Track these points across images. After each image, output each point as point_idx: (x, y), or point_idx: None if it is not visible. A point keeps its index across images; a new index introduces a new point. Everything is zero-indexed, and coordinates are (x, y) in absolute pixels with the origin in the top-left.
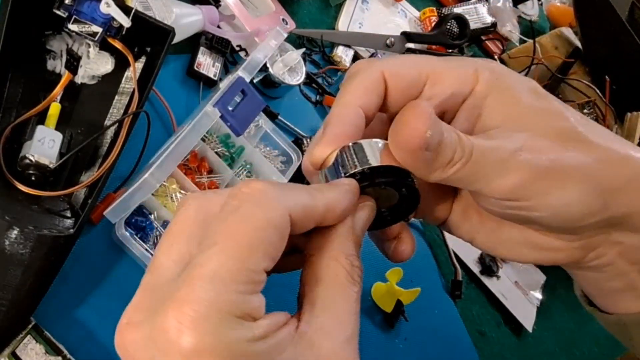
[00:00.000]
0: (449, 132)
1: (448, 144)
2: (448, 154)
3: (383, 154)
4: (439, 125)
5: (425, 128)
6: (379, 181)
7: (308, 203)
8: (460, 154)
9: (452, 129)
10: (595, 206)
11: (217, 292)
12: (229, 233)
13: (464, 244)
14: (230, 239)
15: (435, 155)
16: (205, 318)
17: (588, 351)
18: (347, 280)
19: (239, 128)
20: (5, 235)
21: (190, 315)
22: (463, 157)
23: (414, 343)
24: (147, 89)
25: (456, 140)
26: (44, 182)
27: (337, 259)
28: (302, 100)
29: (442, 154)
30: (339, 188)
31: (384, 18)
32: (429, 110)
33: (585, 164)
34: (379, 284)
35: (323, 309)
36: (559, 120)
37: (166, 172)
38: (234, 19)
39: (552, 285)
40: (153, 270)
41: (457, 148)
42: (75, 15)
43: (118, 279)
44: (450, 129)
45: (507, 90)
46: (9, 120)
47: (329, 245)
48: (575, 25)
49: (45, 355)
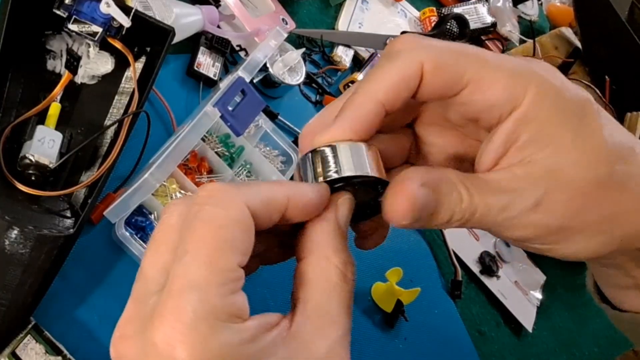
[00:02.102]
0: (450, 193)
1: (446, 208)
2: (445, 215)
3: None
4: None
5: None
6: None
7: (266, 195)
8: (460, 215)
9: (455, 186)
10: (609, 251)
11: (199, 300)
12: (196, 239)
13: (464, 244)
14: (198, 244)
15: (432, 217)
16: (192, 328)
17: (588, 351)
18: (340, 279)
19: (239, 128)
20: (5, 235)
21: (177, 328)
22: (463, 217)
23: (413, 343)
24: (147, 89)
25: (457, 202)
26: (44, 182)
27: (328, 259)
28: (302, 100)
29: (439, 216)
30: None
31: (384, 18)
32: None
33: (609, 217)
34: (378, 284)
35: (315, 309)
36: (598, 165)
37: (166, 172)
38: (234, 19)
39: (552, 285)
40: (141, 280)
41: (456, 210)
42: (75, 15)
43: (118, 279)
44: (453, 187)
45: (552, 118)
46: (9, 120)
47: (319, 245)
48: (575, 25)
49: (45, 355)
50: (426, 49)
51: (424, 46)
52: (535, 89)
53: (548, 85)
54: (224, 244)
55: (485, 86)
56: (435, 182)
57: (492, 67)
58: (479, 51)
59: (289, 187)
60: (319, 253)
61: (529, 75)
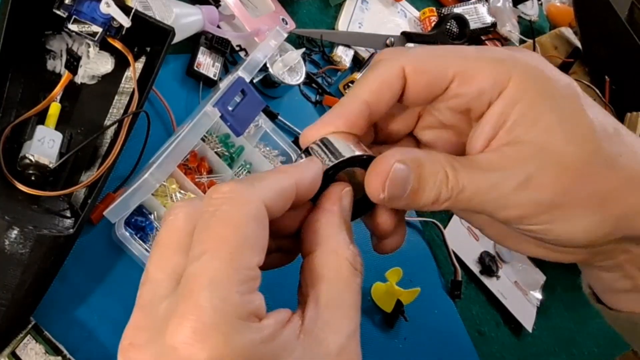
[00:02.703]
0: (436, 172)
1: (432, 187)
2: (431, 194)
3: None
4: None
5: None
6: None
7: (279, 187)
8: (446, 195)
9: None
10: (604, 233)
11: (219, 298)
12: (215, 238)
13: (463, 244)
14: (217, 243)
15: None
16: (213, 327)
17: (588, 351)
18: (350, 272)
19: (239, 128)
20: (5, 235)
21: (197, 327)
22: (451, 197)
23: (413, 343)
24: (147, 89)
25: (443, 180)
26: (43, 182)
27: (337, 252)
28: (302, 100)
29: (424, 194)
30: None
31: (384, 18)
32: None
33: (600, 194)
34: (378, 284)
35: (328, 305)
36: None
37: (166, 172)
38: (234, 19)
39: (552, 285)
40: (147, 284)
41: (442, 189)
42: (75, 15)
43: (118, 279)
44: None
45: (538, 99)
46: (9, 120)
47: (326, 238)
48: (575, 25)
49: (45, 355)
50: (406, 56)
51: (404, 54)
52: (519, 72)
53: (531, 68)
54: (244, 242)
55: (471, 76)
56: (416, 160)
57: (474, 58)
58: (459, 48)
59: (293, 172)
60: (327, 247)
61: (511, 60)
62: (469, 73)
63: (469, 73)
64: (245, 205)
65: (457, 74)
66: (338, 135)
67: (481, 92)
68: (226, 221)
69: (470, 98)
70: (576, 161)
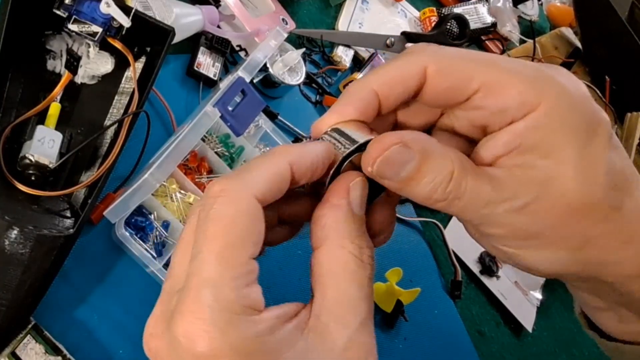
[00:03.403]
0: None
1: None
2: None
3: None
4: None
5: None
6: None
7: (270, 173)
8: (441, 196)
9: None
10: (569, 271)
11: (213, 296)
12: (208, 237)
13: (464, 244)
14: (210, 242)
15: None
16: (210, 323)
17: (588, 351)
18: (357, 265)
19: (239, 128)
20: (5, 235)
21: (196, 323)
22: (445, 200)
23: (413, 343)
24: (147, 89)
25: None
26: (43, 182)
27: (343, 247)
28: (302, 100)
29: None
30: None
31: (384, 18)
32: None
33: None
34: (378, 284)
35: (333, 298)
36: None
37: (166, 172)
38: (234, 19)
39: (552, 285)
40: (169, 279)
41: (438, 189)
42: (75, 15)
43: (118, 279)
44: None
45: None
46: (9, 120)
47: (332, 233)
48: (575, 25)
49: (45, 355)
50: (432, 54)
51: (431, 51)
52: (552, 97)
53: (567, 96)
54: (235, 240)
55: (497, 90)
56: (424, 150)
57: (507, 71)
58: (490, 56)
59: (286, 153)
60: (333, 241)
61: (546, 81)
62: (497, 87)
63: (497, 87)
64: (235, 202)
65: (483, 84)
66: (349, 124)
67: (505, 109)
68: (216, 220)
69: (492, 112)
70: (577, 201)
